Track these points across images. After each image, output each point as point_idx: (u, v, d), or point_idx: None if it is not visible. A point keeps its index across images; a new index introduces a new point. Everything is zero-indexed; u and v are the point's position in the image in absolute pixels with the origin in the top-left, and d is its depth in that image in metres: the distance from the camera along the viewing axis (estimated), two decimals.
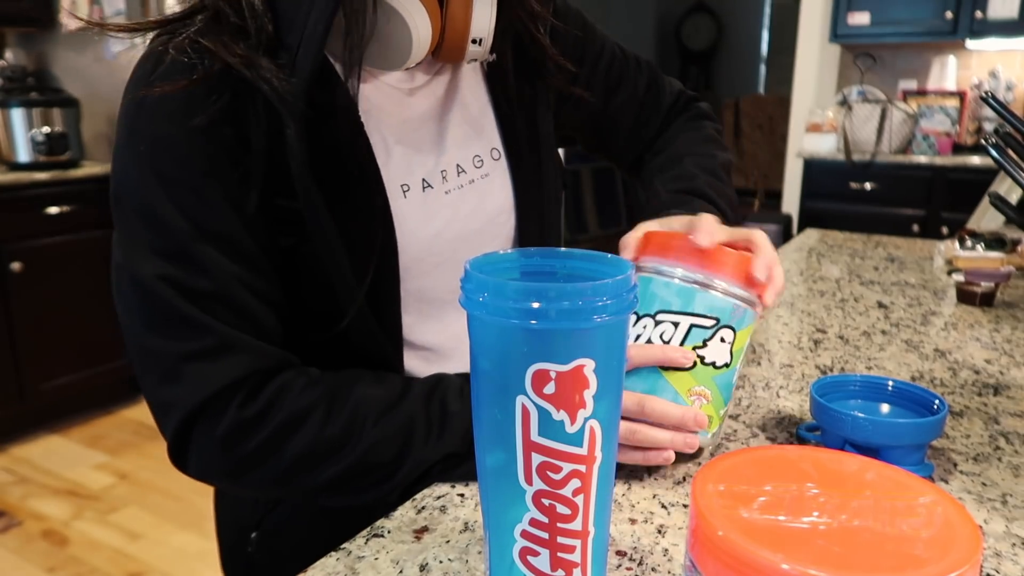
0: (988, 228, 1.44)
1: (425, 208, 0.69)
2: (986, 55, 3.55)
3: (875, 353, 0.92)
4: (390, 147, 0.68)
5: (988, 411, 0.76)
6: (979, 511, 0.57)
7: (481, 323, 0.39)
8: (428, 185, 0.70)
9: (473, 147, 0.74)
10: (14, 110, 2.89)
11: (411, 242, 0.67)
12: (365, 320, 0.66)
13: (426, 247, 0.69)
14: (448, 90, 0.74)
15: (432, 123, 0.72)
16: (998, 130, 0.96)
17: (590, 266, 0.43)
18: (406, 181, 0.68)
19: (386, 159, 0.67)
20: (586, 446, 0.38)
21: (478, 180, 0.74)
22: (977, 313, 1.10)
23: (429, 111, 0.72)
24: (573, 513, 0.39)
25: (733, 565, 0.31)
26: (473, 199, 0.73)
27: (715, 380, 0.60)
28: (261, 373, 0.60)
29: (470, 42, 0.66)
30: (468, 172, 0.73)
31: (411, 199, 0.68)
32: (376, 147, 0.66)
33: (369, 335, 0.67)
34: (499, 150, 0.77)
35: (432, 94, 0.72)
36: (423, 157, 0.70)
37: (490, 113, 0.77)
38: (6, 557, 2.12)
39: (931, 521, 0.32)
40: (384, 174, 0.66)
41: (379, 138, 0.67)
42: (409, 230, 0.67)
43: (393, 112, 0.69)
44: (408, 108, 0.70)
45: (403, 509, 0.58)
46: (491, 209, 0.75)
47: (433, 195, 0.70)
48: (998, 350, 0.94)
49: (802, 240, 1.62)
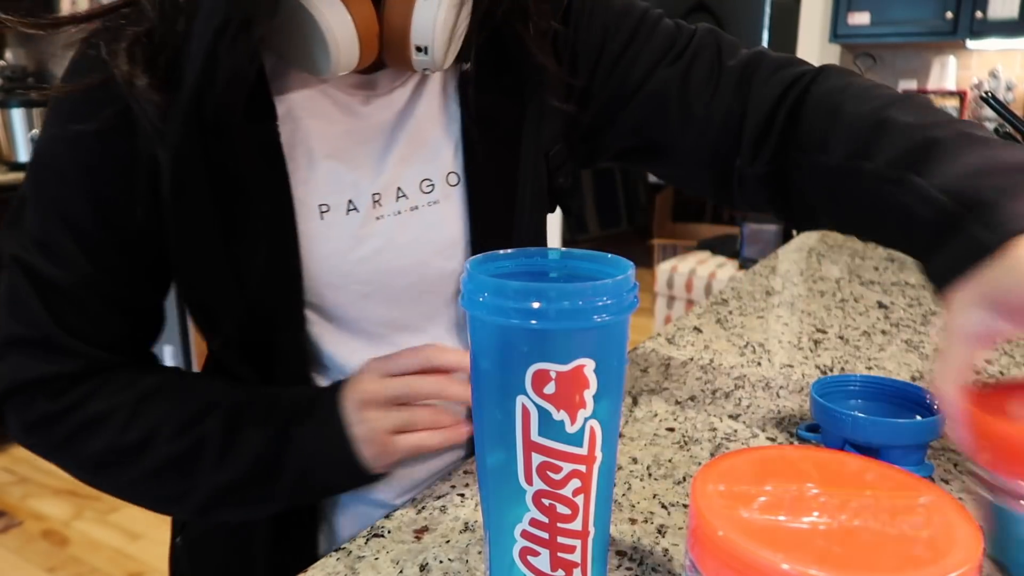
0: None
1: (345, 232, 0.62)
2: (986, 55, 3.55)
3: (875, 353, 0.92)
4: (315, 161, 0.61)
5: None
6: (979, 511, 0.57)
7: (481, 323, 0.39)
8: (353, 208, 0.62)
9: (423, 169, 0.65)
10: (14, 110, 2.90)
11: (324, 268, 0.61)
12: (257, 343, 0.63)
13: (345, 274, 0.62)
14: (409, 102, 0.65)
15: (379, 138, 0.64)
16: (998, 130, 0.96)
17: (590, 266, 0.43)
18: (326, 201, 0.61)
19: (306, 175, 0.60)
20: (586, 446, 0.38)
21: (423, 207, 0.65)
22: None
23: (381, 124, 0.64)
24: (573, 513, 0.39)
25: (733, 565, 0.31)
26: (415, 228, 0.64)
27: None
28: (76, 376, 0.60)
29: (414, 49, 0.57)
30: (411, 197, 0.64)
31: (329, 221, 0.61)
32: (297, 160, 0.60)
33: (273, 357, 0.64)
34: (458, 175, 0.66)
35: (391, 105, 0.64)
36: (355, 176, 0.62)
37: (456, 131, 0.66)
38: (6, 557, 2.13)
39: (931, 521, 0.32)
40: (300, 191, 0.60)
41: (303, 151, 0.60)
42: (322, 255, 0.61)
43: (336, 122, 0.62)
44: (358, 119, 0.63)
45: (403, 509, 0.58)
46: (438, 241, 0.66)
47: (359, 219, 0.62)
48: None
49: (802, 240, 1.63)
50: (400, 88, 0.64)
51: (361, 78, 0.63)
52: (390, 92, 0.64)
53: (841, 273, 1.34)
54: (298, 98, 0.61)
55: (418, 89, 0.65)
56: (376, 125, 0.63)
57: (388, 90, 0.64)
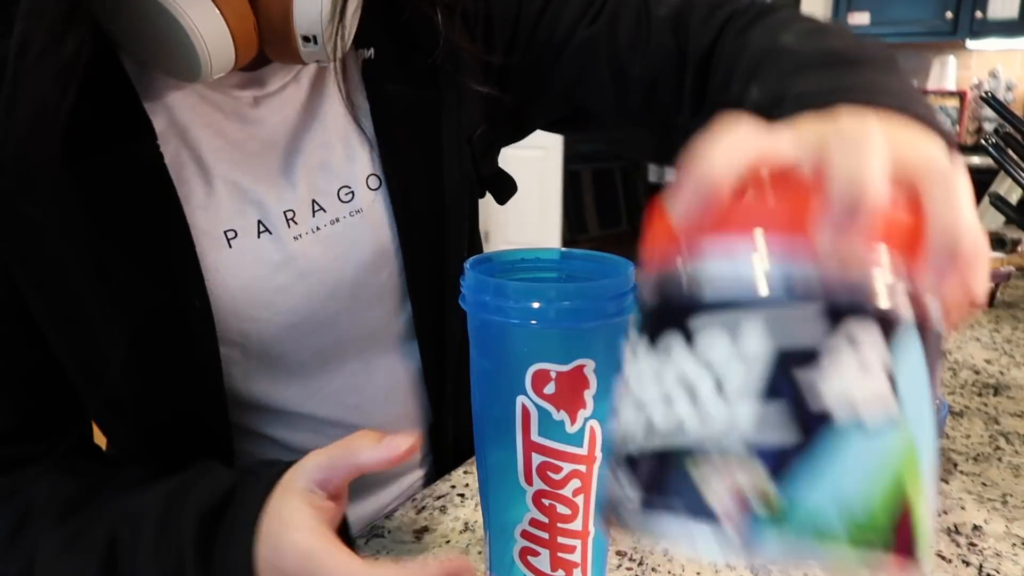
0: (988, 228, 1.44)
1: (260, 259, 0.54)
2: (986, 55, 3.55)
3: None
4: (212, 181, 0.53)
5: (988, 411, 0.76)
6: (979, 511, 0.57)
7: (481, 323, 0.39)
8: (266, 230, 0.54)
9: (339, 176, 0.58)
10: None
11: (240, 302, 0.54)
12: (162, 403, 0.54)
13: (266, 306, 0.55)
14: (309, 100, 0.57)
15: (281, 145, 0.56)
16: (998, 130, 0.96)
17: (590, 266, 0.43)
18: (232, 226, 0.53)
19: (204, 198, 0.52)
20: (586, 446, 0.38)
21: (345, 219, 0.57)
22: (977, 313, 1.10)
23: (278, 130, 0.56)
24: (573, 513, 0.39)
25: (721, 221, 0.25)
26: (339, 244, 0.57)
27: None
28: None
29: (300, 40, 0.49)
30: (330, 210, 0.57)
31: (238, 248, 0.53)
32: (189, 182, 0.52)
33: (185, 418, 0.55)
34: (379, 176, 0.59)
35: (286, 106, 0.56)
36: (261, 193, 0.54)
37: (369, 128, 0.59)
38: None
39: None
40: (199, 218, 0.52)
41: (195, 170, 0.52)
42: (236, 287, 0.53)
43: (227, 131, 0.54)
44: (249, 125, 0.55)
45: (403, 509, 0.58)
46: (366, 253, 0.59)
47: (272, 242, 0.54)
48: (998, 350, 0.94)
49: None
50: (293, 84, 0.56)
51: (245, 76, 0.55)
52: (282, 89, 0.56)
53: None
54: (178, 107, 0.52)
55: (317, 84, 0.58)
56: (274, 130, 0.56)
57: (279, 87, 0.56)
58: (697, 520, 0.23)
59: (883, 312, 0.24)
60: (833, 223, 0.24)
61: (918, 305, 0.25)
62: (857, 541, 0.23)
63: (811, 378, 0.23)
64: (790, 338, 0.24)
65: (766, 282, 0.24)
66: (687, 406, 0.24)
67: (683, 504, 0.23)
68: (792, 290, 0.24)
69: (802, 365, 0.23)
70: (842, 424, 0.23)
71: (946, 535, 0.54)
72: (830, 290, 0.24)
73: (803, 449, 0.23)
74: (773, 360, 0.23)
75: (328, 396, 0.60)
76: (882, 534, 0.23)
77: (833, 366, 0.23)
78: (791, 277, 0.24)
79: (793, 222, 0.25)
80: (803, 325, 0.24)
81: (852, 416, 0.23)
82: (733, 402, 0.23)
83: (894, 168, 0.25)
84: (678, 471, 0.24)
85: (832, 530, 0.23)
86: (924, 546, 0.24)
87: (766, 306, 0.24)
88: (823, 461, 0.23)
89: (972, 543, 0.54)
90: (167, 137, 0.51)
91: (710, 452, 0.23)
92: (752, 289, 0.24)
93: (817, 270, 0.24)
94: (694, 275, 0.26)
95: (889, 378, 0.24)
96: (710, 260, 0.25)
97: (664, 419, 0.25)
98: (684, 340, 0.25)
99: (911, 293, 0.25)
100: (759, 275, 0.24)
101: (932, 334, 0.25)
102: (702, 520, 0.23)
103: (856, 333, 0.23)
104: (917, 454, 0.24)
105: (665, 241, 0.27)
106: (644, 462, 0.25)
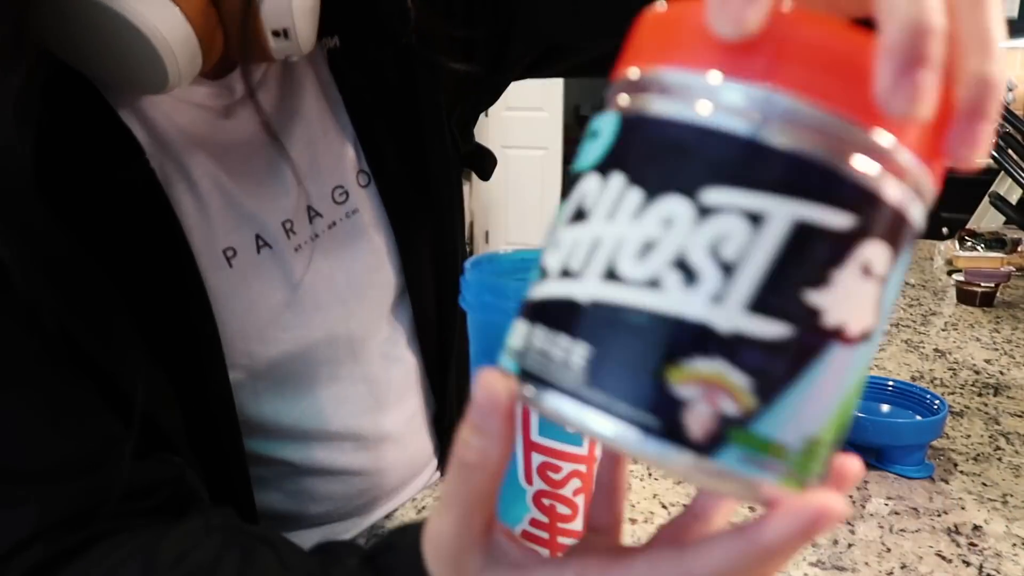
0: (988, 228, 1.44)
1: (263, 276, 0.52)
2: None
3: (875, 353, 0.92)
4: (202, 197, 0.49)
5: (988, 411, 0.75)
6: (979, 511, 0.57)
7: (481, 323, 0.39)
8: (265, 244, 0.52)
9: (331, 176, 0.55)
10: None
11: (248, 324, 0.51)
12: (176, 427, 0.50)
13: (274, 324, 0.53)
14: (282, 100, 0.54)
15: (263, 153, 0.52)
16: (998, 130, 0.96)
17: None
18: (230, 244, 0.50)
19: (197, 217, 0.49)
20: (586, 446, 0.38)
21: (342, 221, 0.55)
22: (977, 313, 1.10)
23: (258, 136, 0.52)
24: (573, 513, 0.39)
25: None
26: (339, 249, 0.55)
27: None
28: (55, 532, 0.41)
29: (270, 35, 0.44)
30: (326, 214, 0.55)
31: (239, 268, 0.51)
32: (181, 200, 0.48)
33: (199, 441, 0.51)
34: (367, 172, 0.57)
35: (260, 110, 0.52)
36: (254, 205, 0.51)
37: (347, 122, 0.56)
38: None
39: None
40: (196, 238, 0.49)
41: (185, 188, 0.49)
42: (241, 309, 0.51)
43: (206, 144, 0.50)
44: (224, 135, 0.51)
45: (403, 509, 0.58)
46: (366, 254, 0.57)
47: (273, 258, 0.52)
48: (998, 350, 0.94)
49: None
50: (262, 86, 0.53)
51: (211, 86, 0.51)
52: (252, 93, 0.52)
53: None
54: (155, 120, 0.48)
55: (285, 81, 0.55)
56: (253, 136, 0.52)
57: (246, 92, 0.51)
58: (639, 405, 0.20)
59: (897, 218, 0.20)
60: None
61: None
62: (804, 465, 0.21)
63: (811, 279, 0.19)
64: (809, 219, 0.19)
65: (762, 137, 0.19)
66: (666, 259, 0.20)
67: (630, 377, 0.20)
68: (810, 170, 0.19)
69: (814, 264, 0.19)
70: (832, 334, 0.20)
71: (946, 535, 0.54)
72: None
73: (786, 352, 0.20)
74: (784, 250, 0.19)
75: (338, 406, 0.59)
76: (825, 459, 0.21)
77: (841, 273, 0.20)
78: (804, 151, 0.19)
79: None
80: (824, 222, 0.19)
81: (836, 327, 0.20)
82: (731, 279, 0.19)
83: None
84: (635, 338, 0.20)
85: (788, 446, 0.20)
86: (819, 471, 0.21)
87: (784, 192, 0.19)
88: (803, 369, 0.20)
89: (972, 543, 0.54)
90: (151, 152, 0.47)
91: (688, 327, 0.19)
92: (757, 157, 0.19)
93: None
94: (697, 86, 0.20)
95: (880, 296, 0.20)
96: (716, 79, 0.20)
97: (633, 269, 0.20)
98: (679, 188, 0.20)
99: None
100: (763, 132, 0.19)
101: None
102: (647, 404, 0.19)
103: (869, 248, 0.20)
104: (866, 368, 0.21)
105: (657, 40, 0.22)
106: (588, 316, 0.20)
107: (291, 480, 0.60)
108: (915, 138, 0.20)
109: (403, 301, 0.62)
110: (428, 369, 0.64)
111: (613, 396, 0.20)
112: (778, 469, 0.20)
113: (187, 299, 0.48)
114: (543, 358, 0.21)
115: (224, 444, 0.53)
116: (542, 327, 0.22)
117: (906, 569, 0.51)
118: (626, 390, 0.20)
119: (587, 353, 0.20)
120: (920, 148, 0.20)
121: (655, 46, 0.22)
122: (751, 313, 0.19)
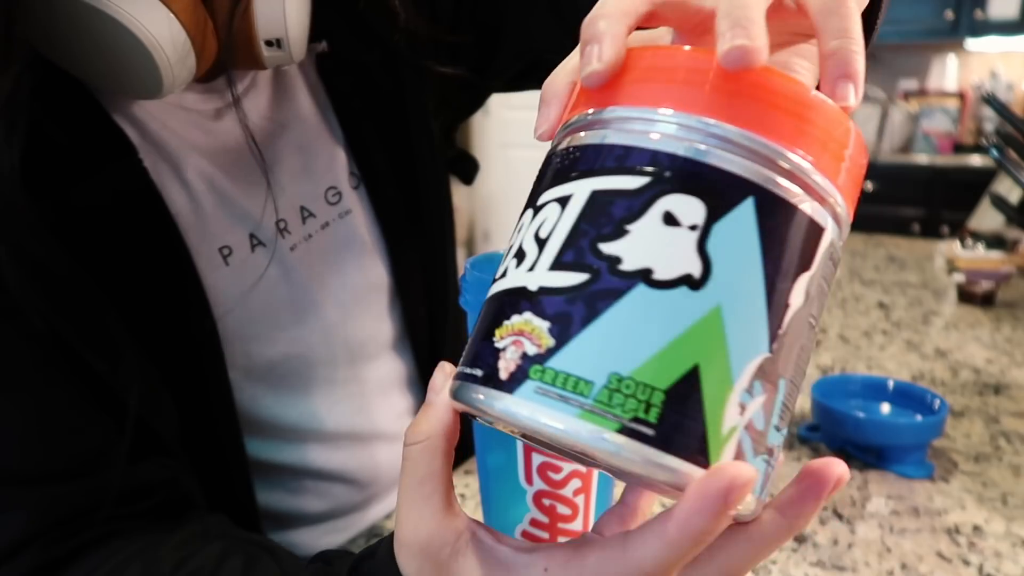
0: (988, 228, 1.44)
1: (257, 274, 0.52)
2: (986, 55, 3.55)
3: (875, 353, 0.92)
4: (196, 196, 0.50)
5: (988, 411, 0.75)
6: (979, 511, 0.57)
7: None
8: (259, 242, 0.52)
9: (324, 177, 0.56)
10: None
11: (244, 322, 0.52)
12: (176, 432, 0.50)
13: (270, 322, 0.53)
14: (274, 103, 0.54)
15: (255, 155, 0.53)
16: (999, 130, 0.96)
17: None
18: (225, 242, 0.51)
19: (192, 215, 0.49)
20: None
21: (335, 221, 0.56)
22: (977, 313, 1.10)
23: (255, 135, 0.53)
24: (573, 513, 0.39)
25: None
26: (333, 248, 0.56)
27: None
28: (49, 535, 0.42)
29: (263, 45, 0.45)
30: (319, 214, 0.55)
31: (236, 266, 0.51)
32: (176, 200, 0.49)
33: (199, 444, 0.52)
34: (356, 175, 0.58)
35: (251, 112, 0.53)
36: (248, 204, 0.52)
37: (336, 125, 0.57)
38: None
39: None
40: (192, 236, 0.49)
41: (178, 187, 0.49)
42: (237, 308, 0.51)
43: (199, 145, 0.51)
44: (215, 137, 0.51)
45: None
46: (359, 252, 0.57)
47: (267, 257, 0.53)
48: (998, 350, 0.94)
49: None
50: (252, 89, 0.54)
51: (201, 89, 0.51)
52: (243, 96, 0.53)
53: (841, 273, 1.34)
54: (147, 121, 0.49)
55: (276, 84, 0.55)
56: (240, 142, 0.52)
57: (240, 93, 0.52)
58: (474, 363, 0.24)
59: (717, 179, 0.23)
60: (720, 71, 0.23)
61: (798, 182, 0.23)
62: (611, 401, 0.21)
63: (607, 234, 0.23)
64: (607, 189, 0.24)
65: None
66: (512, 258, 0.25)
67: (475, 344, 0.25)
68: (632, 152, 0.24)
69: (611, 219, 0.23)
70: (634, 276, 0.22)
71: (946, 535, 0.54)
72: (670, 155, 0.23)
73: (583, 296, 0.22)
74: (584, 208, 0.24)
75: (334, 406, 0.59)
76: (642, 401, 0.22)
77: (637, 224, 0.23)
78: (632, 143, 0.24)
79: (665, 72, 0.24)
80: (624, 184, 0.23)
81: (640, 270, 0.22)
82: (543, 250, 0.24)
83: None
84: (484, 316, 0.25)
85: (590, 380, 0.22)
86: (716, 440, 0.22)
87: (599, 167, 0.24)
88: (602, 309, 0.22)
89: (972, 543, 0.54)
90: (144, 152, 0.47)
91: (511, 295, 0.24)
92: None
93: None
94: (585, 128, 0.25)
95: (699, 244, 0.22)
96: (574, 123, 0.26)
97: (504, 268, 0.26)
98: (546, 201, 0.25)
99: (789, 171, 0.23)
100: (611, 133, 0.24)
101: (797, 213, 0.23)
102: (477, 361, 0.24)
103: (674, 201, 0.23)
104: (723, 329, 0.22)
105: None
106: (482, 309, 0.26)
107: (290, 479, 0.60)
108: (684, 100, 0.23)
109: (395, 301, 0.62)
110: (420, 369, 0.65)
111: (463, 364, 0.26)
112: (579, 402, 0.22)
113: (186, 297, 0.48)
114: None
115: (225, 444, 0.54)
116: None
117: (906, 569, 0.51)
118: (470, 356, 0.25)
119: (472, 335, 0.26)
120: (693, 107, 0.23)
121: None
122: (554, 270, 0.23)
